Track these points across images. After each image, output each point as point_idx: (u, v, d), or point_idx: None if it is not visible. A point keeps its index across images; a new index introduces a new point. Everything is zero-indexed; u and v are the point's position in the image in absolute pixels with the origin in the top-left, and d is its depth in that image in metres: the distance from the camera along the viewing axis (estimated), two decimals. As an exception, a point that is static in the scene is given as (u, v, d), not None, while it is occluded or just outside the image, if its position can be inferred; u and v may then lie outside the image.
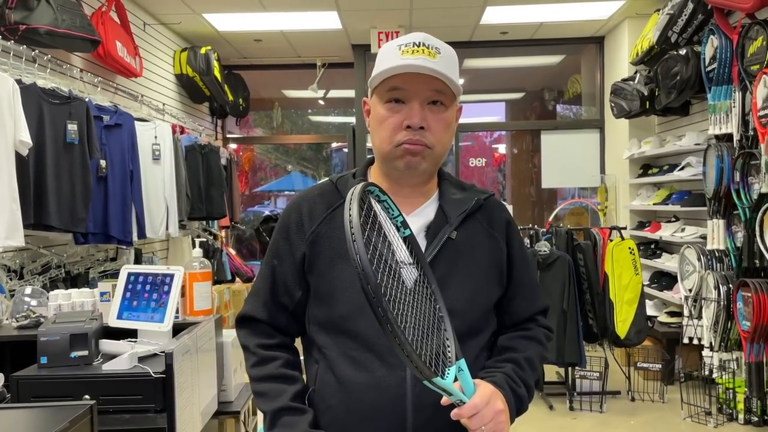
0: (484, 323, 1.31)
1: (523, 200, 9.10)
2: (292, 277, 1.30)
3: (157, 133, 4.60)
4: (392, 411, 1.19)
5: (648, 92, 5.18)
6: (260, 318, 1.32)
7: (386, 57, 1.24)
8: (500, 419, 1.11)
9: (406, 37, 1.24)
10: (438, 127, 1.24)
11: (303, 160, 11.36)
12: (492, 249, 1.31)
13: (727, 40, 4.05)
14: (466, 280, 1.26)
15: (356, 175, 1.35)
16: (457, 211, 1.29)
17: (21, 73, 3.29)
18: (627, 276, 4.40)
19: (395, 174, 1.29)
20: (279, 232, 1.34)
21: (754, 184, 3.82)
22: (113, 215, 3.96)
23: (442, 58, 1.22)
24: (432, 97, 1.23)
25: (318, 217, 1.29)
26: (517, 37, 6.60)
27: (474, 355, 1.26)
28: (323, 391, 1.25)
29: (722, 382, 4.02)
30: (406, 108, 1.23)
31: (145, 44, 5.29)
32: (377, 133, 1.27)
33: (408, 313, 1.02)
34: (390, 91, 1.23)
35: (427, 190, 1.33)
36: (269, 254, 1.35)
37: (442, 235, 1.26)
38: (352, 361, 1.22)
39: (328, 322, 1.26)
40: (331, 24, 5.96)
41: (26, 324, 2.04)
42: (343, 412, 1.23)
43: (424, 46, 1.21)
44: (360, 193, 1.02)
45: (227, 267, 6.22)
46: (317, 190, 1.35)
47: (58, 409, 1.20)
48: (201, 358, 1.88)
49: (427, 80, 1.21)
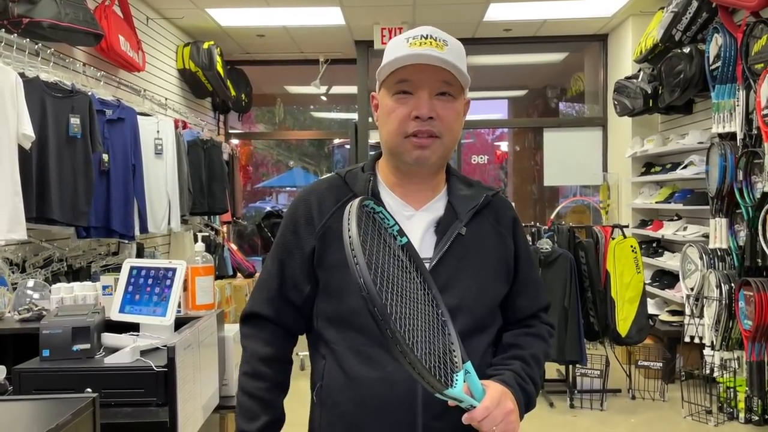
0: (492, 319, 1.31)
1: (525, 198, 9.09)
2: (301, 272, 1.29)
3: (160, 127, 4.60)
4: (402, 406, 1.19)
5: (651, 90, 5.17)
6: (266, 315, 1.31)
7: (394, 49, 1.24)
8: (511, 419, 1.11)
9: (414, 30, 1.24)
10: (448, 116, 1.24)
11: (305, 156, 11.35)
12: (500, 246, 1.31)
13: (732, 38, 4.04)
14: (475, 276, 1.26)
15: (365, 168, 1.34)
16: (467, 207, 1.29)
17: (24, 67, 3.29)
18: (629, 274, 4.40)
19: (404, 167, 1.28)
20: (287, 226, 1.32)
21: (757, 183, 3.82)
22: (115, 209, 3.96)
23: (449, 50, 1.22)
24: (440, 88, 1.23)
25: (327, 210, 1.28)
26: (521, 35, 6.58)
27: (482, 352, 1.26)
28: (331, 387, 1.25)
29: (723, 381, 4.01)
30: (414, 99, 1.22)
31: (147, 39, 5.28)
32: (385, 125, 1.26)
33: (413, 325, 1.02)
34: (398, 83, 1.23)
35: (436, 184, 1.32)
36: (276, 249, 1.33)
37: (452, 230, 1.26)
38: (362, 356, 1.21)
39: (337, 316, 1.25)
40: (334, 20, 5.96)
41: (28, 317, 2.04)
42: (352, 407, 1.22)
43: (432, 38, 1.21)
44: (357, 211, 1.01)
45: (229, 262, 6.22)
46: (325, 184, 1.34)
47: (60, 401, 1.20)
48: (203, 352, 1.88)
49: (436, 71, 1.21)
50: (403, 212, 1.28)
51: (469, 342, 1.21)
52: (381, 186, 1.31)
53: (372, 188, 1.27)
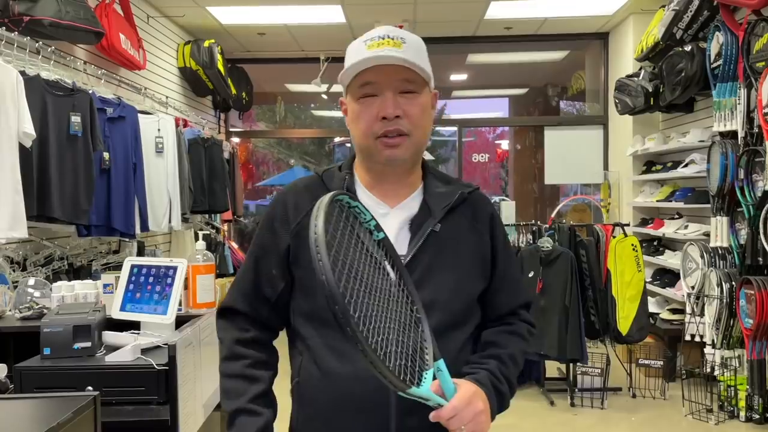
0: (468, 316, 1.31)
1: (526, 196, 9.09)
2: (276, 269, 1.31)
3: (160, 126, 4.59)
4: (376, 403, 1.20)
5: (652, 89, 5.17)
6: (240, 309, 1.33)
7: (354, 53, 1.26)
8: (480, 419, 1.12)
9: (370, 32, 1.26)
10: (414, 112, 1.25)
11: (305, 155, 11.35)
12: (476, 242, 1.32)
13: (733, 36, 4.03)
14: (450, 272, 1.27)
15: (342, 168, 1.36)
16: (441, 204, 1.30)
17: (25, 65, 3.28)
18: (629, 273, 4.40)
19: (377, 167, 1.30)
20: (264, 224, 1.35)
21: (759, 182, 3.81)
22: (116, 208, 3.96)
23: (408, 48, 1.23)
24: (403, 86, 1.25)
25: (303, 209, 1.29)
26: (521, 33, 6.58)
27: (457, 348, 1.27)
28: (307, 383, 1.27)
29: (724, 379, 4.01)
30: (378, 100, 1.24)
31: (148, 37, 5.28)
32: (355, 128, 1.28)
33: (381, 323, 1.02)
34: (362, 86, 1.25)
35: (411, 182, 1.33)
36: (254, 246, 1.36)
37: (426, 227, 1.27)
38: (336, 352, 1.23)
39: (312, 313, 1.27)
40: (334, 18, 5.95)
41: (29, 315, 2.04)
42: (326, 403, 1.24)
43: (389, 38, 1.23)
44: (327, 206, 1.01)
45: (229, 261, 6.23)
46: (303, 183, 1.37)
47: (61, 400, 1.20)
48: (204, 350, 1.88)
49: (396, 70, 1.23)
50: (378, 210, 1.28)
51: (445, 338, 1.22)
52: (357, 184, 1.33)
53: (347, 186, 1.29)
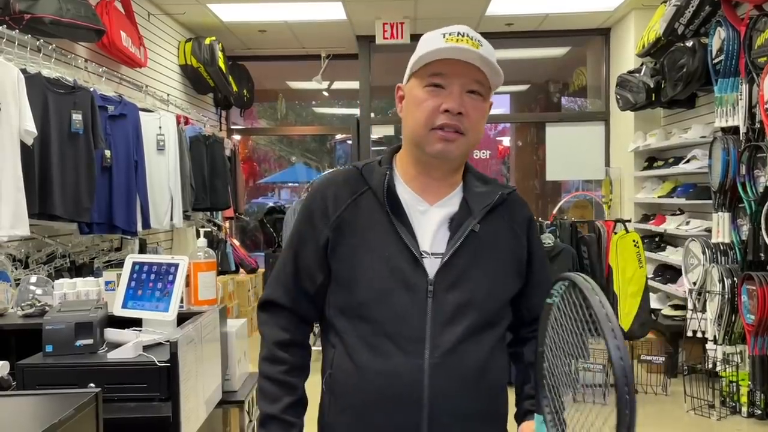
0: (502, 316, 1.32)
1: (527, 193, 9.07)
2: (315, 262, 1.31)
3: (162, 123, 4.60)
4: (408, 398, 1.21)
5: (654, 84, 5.15)
6: (282, 303, 1.34)
7: (430, 42, 1.25)
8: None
9: (449, 27, 1.26)
10: (475, 115, 1.25)
11: (307, 152, 11.35)
12: (513, 244, 1.32)
13: (735, 31, 4.02)
14: (487, 272, 1.27)
15: (382, 162, 1.35)
16: (481, 204, 1.30)
17: (26, 63, 3.29)
18: (631, 269, 4.39)
19: (425, 159, 1.29)
20: (303, 216, 1.35)
21: (760, 177, 3.81)
22: (118, 205, 3.97)
23: (484, 50, 1.24)
24: (472, 85, 1.25)
25: (343, 202, 1.30)
26: (523, 29, 6.56)
27: (490, 347, 1.27)
28: (339, 376, 1.28)
29: (726, 375, 4.01)
30: (445, 93, 1.24)
31: (149, 34, 5.27)
32: (413, 115, 1.27)
33: None
34: (432, 75, 1.24)
35: (454, 180, 1.33)
36: (292, 239, 1.36)
37: (466, 227, 1.27)
38: (370, 347, 1.23)
39: (347, 307, 1.28)
40: (335, 15, 5.94)
41: (31, 312, 2.04)
42: (360, 397, 1.24)
43: (468, 36, 1.24)
44: None
45: (231, 258, 6.23)
46: (342, 176, 1.35)
47: (63, 396, 1.21)
48: (205, 347, 1.88)
49: (469, 68, 1.23)
50: (418, 207, 1.29)
51: (478, 338, 1.23)
52: (397, 180, 1.32)
53: (388, 182, 1.28)
